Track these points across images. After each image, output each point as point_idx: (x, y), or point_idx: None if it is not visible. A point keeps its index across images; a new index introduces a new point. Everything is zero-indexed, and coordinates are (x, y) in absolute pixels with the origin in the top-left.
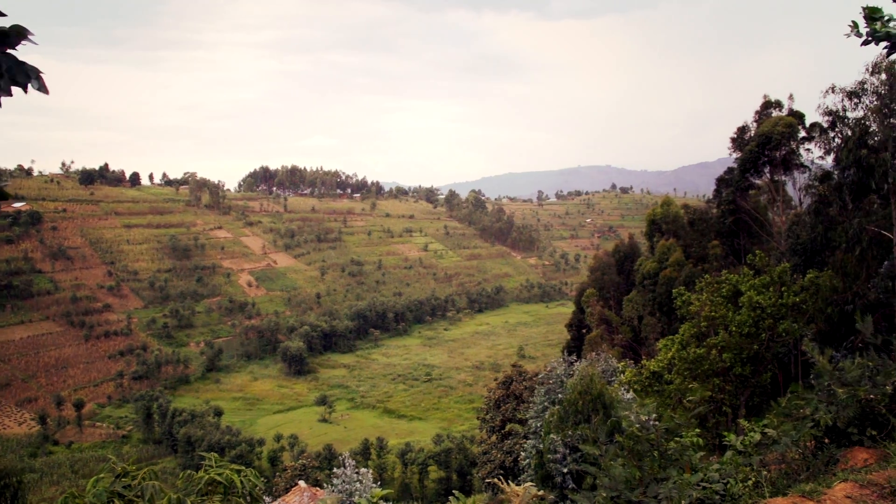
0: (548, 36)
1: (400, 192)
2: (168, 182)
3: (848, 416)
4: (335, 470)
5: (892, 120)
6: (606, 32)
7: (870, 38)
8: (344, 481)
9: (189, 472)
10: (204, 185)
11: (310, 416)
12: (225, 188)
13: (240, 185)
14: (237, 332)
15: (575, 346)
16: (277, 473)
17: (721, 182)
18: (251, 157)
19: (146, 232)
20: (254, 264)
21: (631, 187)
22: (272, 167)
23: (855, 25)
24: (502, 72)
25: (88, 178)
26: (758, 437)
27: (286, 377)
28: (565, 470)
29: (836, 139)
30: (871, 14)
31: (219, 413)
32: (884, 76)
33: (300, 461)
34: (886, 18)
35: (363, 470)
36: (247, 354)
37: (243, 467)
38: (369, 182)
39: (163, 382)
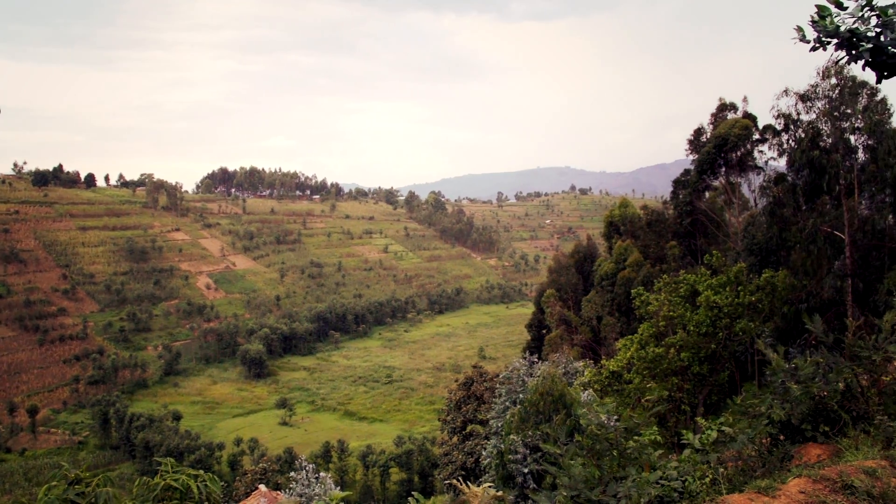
0: (507, 38)
1: (360, 194)
2: (125, 183)
3: (802, 413)
4: (293, 474)
5: (842, 123)
6: (566, 35)
7: (817, 45)
8: (302, 485)
9: (145, 478)
10: (161, 186)
11: (270, 419)
12: (183, 190)
13: (198, 187)
14: (196, 335)
15: (535, 347)
16: (237, 478)
17: (678, 183)
18: (209, 159)
19: (102, 234)
20: (212, 266)
21: (590, 188)
22: (231, 168)
23: (801, 30)
24: (462, 73)
25: (42, 179)
26: (715, 434)
27: (246, 380)
28: (526, 470)
29: (790, 142)
30: (822, 13)
31: (177, 417)
32: (834, 80)
33: (260, 465)
34: (834, 14)
35: (322, 474)
36: (206, 358)
37: (201, 472)
38: (329, 183)
39: (120, 387)
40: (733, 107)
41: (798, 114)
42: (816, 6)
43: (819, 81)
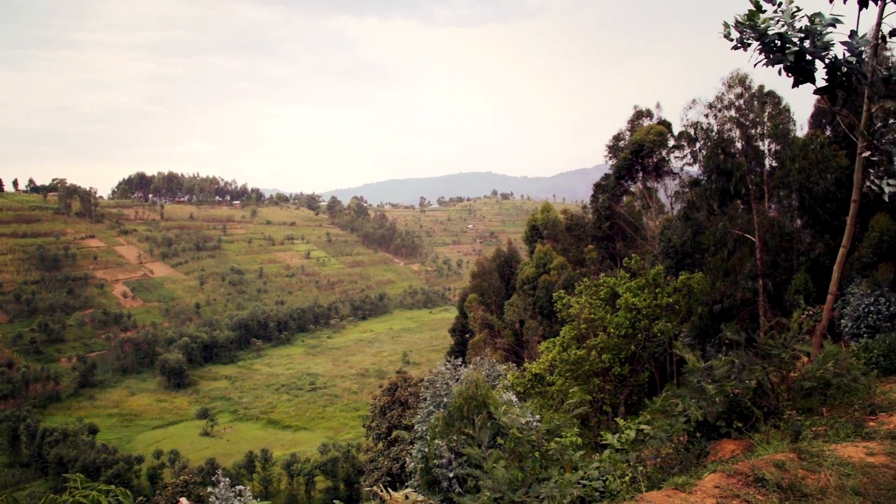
0: (431, 43)
1: (281, 199)
2: (35, 189)
3: (716, 411)
4: (209, 489)
5: (750, 130)
6: (488, 41)
7: (739, 45)
8: (219, 498)
9: (51, 495)
10: (74, 191)
11: (191, 430)
12: (97, 195)
13: (114, 193)
14: (112, 345)
15: (459, 351)
16: (158, 491)
17: (598, 188)
18: (126, 163)
19: (10, 241)
20: (129, 274)
21: (511, 193)
22: (148, 173)
23: (727, 27)
24: (386, 78)
25: None
26: (634, 434)
27: (165, 391)
28: (451, 474)
29: (702, 149)
30: (752, 15)
31: (93, 431)
32: (739, 89)
33: (181, 477)
34: (762, 18)
35: (238, 487)
36: (123, 368)
37: (112, 487)
38: (249, 189)
39: (31, 401)
40: (649, 114)
41: (708, 122)
42: (750, 8)
43: (725, 91)
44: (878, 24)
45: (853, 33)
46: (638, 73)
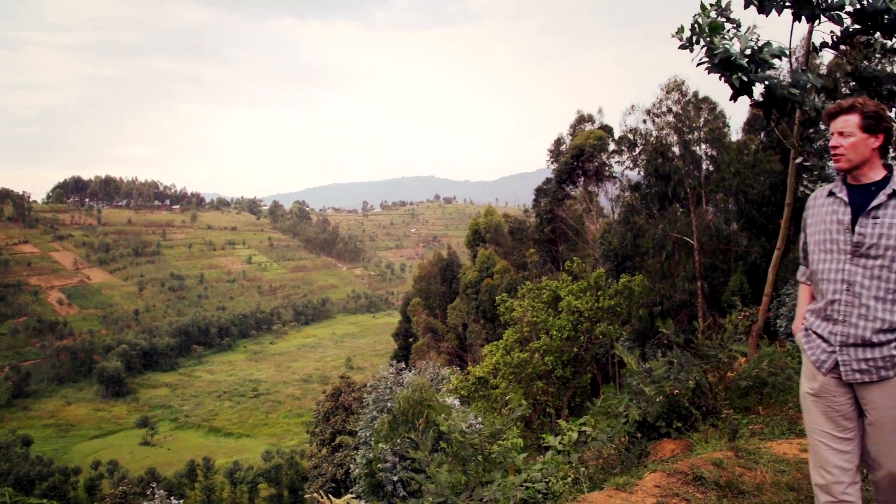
0: (373, 47)
1: (222, 204)
2: None
3: (656, 411)
4: (144, 502)
5: (688, 135)
6: (431, 45)
7: (686, 45)
8: None
9: None
10: (6, 196)
11: (130, 439)
12: (31, 200)
13: (48, 197)
14: (47, 353)
15: (403, 356)
16: (96, 503)
17: (540, 192)
18: (62, 167)
19: None
20: (65, 281)
21: (454, 197)
22: (85, 177)
23: (681, 30)
24: (328, 81)
25: None
26: (576, 435)
27: (104, 400)
28: (395, 478)
29: (641, 153)
30: (713, 26)
31: (27, 443)
32: (677, 95)
33: (120, 488)
34: (723, 33)
35: (173, 500)
36: (59, 377)
37: (44, 501)
38: (190, 193)
39: None
40: (591, 118)
41: (647, 127)
42: (712, 22)
43: (664, 97)
44: (809, 35)
45: (799, 69)
46: (580, 79)
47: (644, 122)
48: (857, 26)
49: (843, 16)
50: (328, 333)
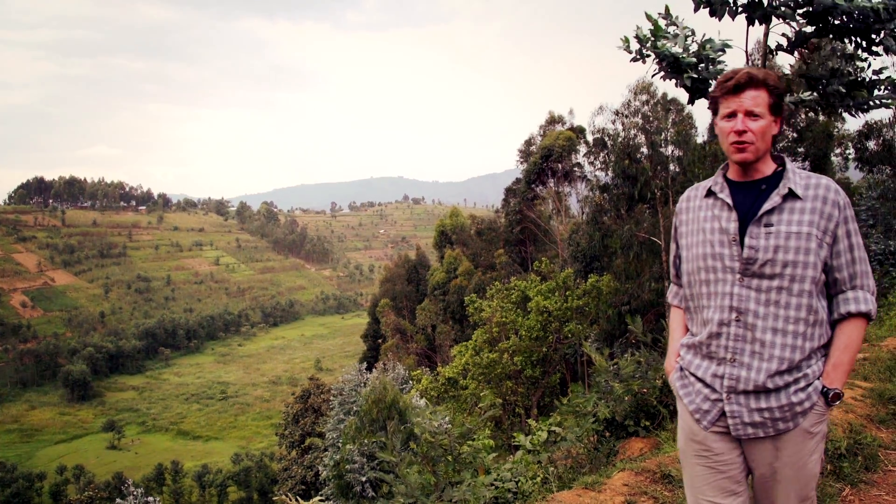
0: (343, 47)
1: (189, 205)
2: None
3: (624, 410)
4: (119, 501)
5: (655, 136)
6: (401, 45)
7: (638, 58)
8: None
9: None
10: None
11: (97, 443)
12: None
13: (10, 198)
14: (10, 357)
15: (372, 357)
16: None
17: (509, 192)
18: (25, 167)
19: None
20: (28, 283)
21: (423, 198)
22: (48, 178)
23: (626, 41)
24: (297, 81)
25: None
26: (545, 435)
27: (69, 404)
28: (364, 479)
29: (611, 155)
30: (656, 31)
31: None
32: (645, 97)
33: (87, 493)
34: (661, 35)
35: (151, 498)
36: (22, 381)
37: None
38: (156, 194)
39: None
40: (561, 119)
41: (615, 128)
42: (650, 27)
43: (632, 98)
44: (765, 38)
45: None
46: (552, 80)
47: (613, 122)
48: (810, 28)
49: (799, 17)
50: (297, 335)
